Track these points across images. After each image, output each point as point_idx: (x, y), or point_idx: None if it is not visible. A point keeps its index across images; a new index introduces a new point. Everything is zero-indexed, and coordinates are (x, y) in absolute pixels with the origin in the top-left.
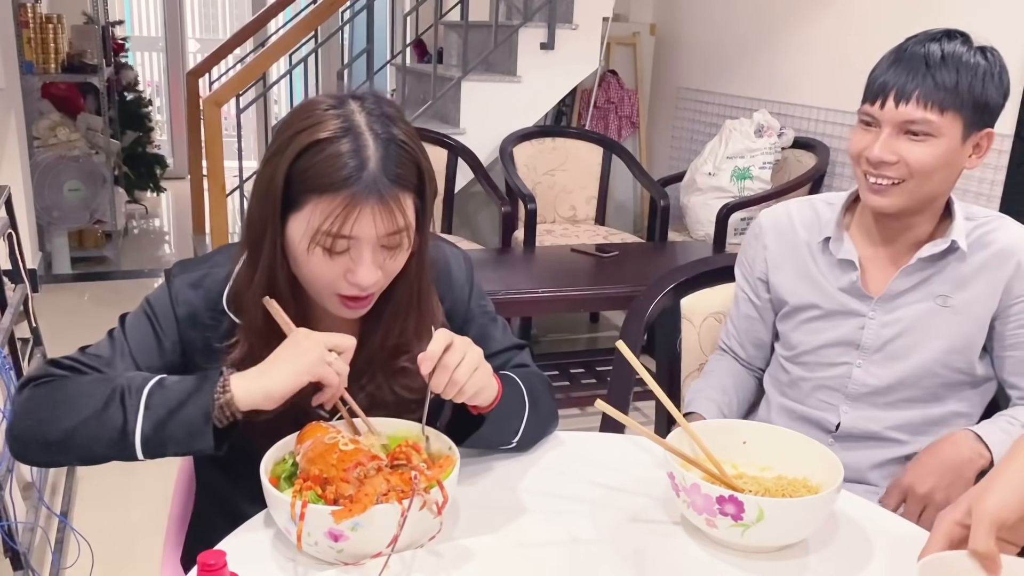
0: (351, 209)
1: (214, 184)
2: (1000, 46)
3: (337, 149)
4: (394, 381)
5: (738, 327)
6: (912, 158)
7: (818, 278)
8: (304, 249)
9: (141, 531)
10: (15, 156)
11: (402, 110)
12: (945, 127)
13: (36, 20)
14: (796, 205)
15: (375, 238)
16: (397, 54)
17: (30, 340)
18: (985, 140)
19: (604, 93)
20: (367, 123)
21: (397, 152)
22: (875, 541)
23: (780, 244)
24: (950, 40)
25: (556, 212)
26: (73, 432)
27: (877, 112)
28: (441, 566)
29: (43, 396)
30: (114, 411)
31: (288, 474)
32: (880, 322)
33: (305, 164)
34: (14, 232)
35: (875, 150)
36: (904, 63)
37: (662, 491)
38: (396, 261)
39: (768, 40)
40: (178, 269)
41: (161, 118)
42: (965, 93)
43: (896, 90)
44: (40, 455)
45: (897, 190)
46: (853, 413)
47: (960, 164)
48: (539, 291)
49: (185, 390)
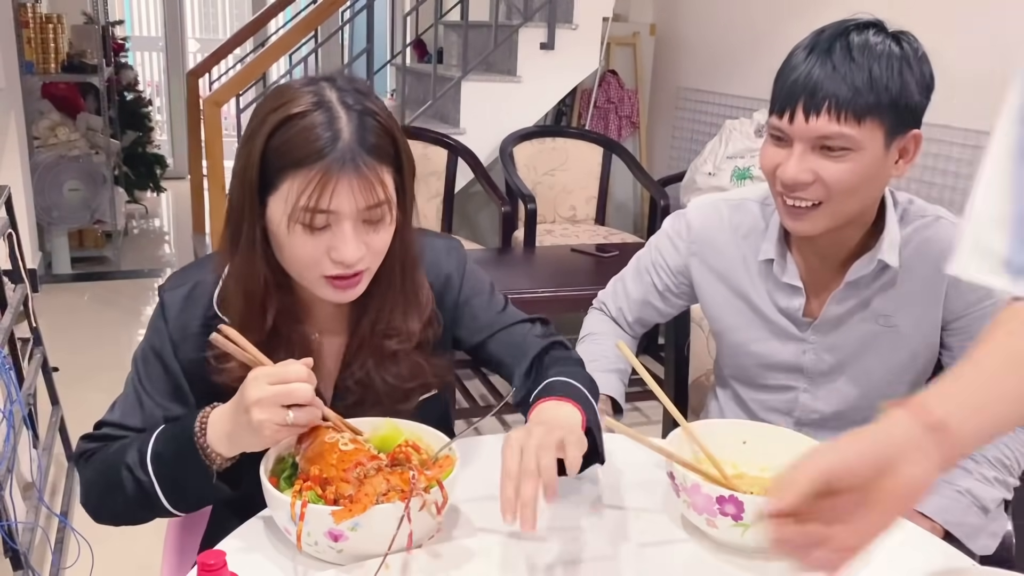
0: (327, 181)
1: (214, 184)
2: (1000, 46)
3: (310, 121)
4: (384, 368)
5: (630, 304)
6: (830, 177)
7: (754, 299)
8: (285, 229)
9: (141, 531)
10: (15, 156)
11: (373, 89)
12: (864, 138)
13: (36, 20)
14: (727, 207)
15: (355, 211)
16: (397, 54)
17: (30, 340)
18: (912, 143)
19: (604, 93)
20: (339, 98)
21: (372, 123)
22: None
23: (712, 255)
24: (860, 32)
25: (556, 212)
26: (127, 510)
27: (786, 127)
28: (441, 566)
29: (91, 479)
30: (138, 489)
31: (288, 474)
32: (821, 346)
33: (279, 140)
34: (14, 232)
35: (788, 171)
36: (810, 65)
37: (662, 491)
38: (381, 236)
39: (768, 40)
40: (169, 283)
41: (161, 118)
42: (883, 94)
43: (804, 100)
44: (121, 524)
45: (817, 213)
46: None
47: (885, 175)
48: (539, 291)
49: (176, 453)
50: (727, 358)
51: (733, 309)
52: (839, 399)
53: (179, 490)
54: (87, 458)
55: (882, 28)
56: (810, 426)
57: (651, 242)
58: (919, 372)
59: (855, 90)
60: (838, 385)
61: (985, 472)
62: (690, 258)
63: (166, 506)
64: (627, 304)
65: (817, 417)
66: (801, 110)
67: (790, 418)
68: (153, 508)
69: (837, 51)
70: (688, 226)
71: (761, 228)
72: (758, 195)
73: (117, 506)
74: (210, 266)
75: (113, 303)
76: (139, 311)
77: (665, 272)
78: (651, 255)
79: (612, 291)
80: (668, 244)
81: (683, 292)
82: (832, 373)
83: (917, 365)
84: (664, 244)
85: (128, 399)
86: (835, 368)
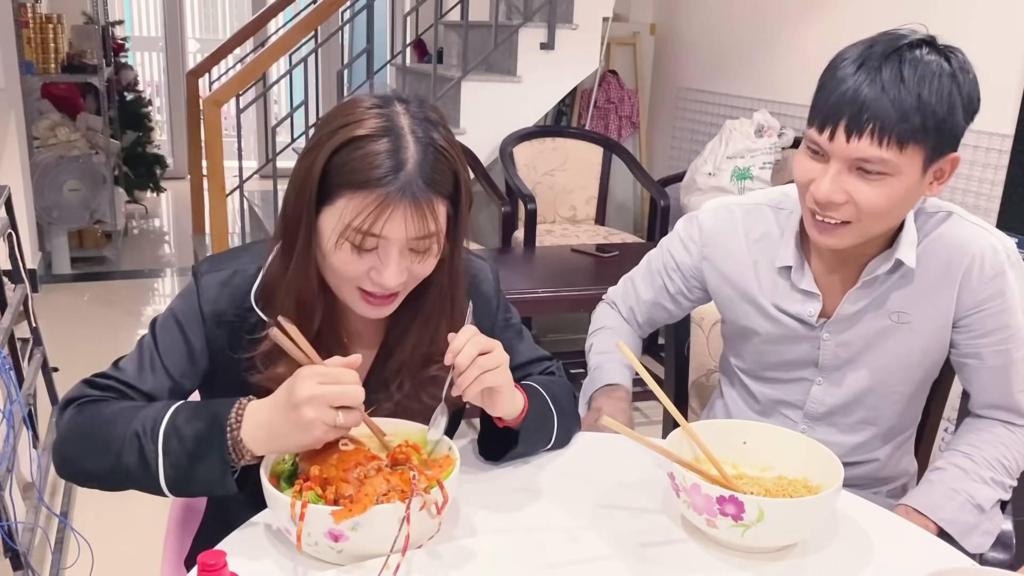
0: (383, 208)
1: (214, 184)
2: (999, 46)
3: (375, 147)
4: (423, 390)
5: (640, 304)
6: (864, 201)
7: (763, 303)
8: (333, 244)
9: (141, 531)
10: (15, 156)
11: (445, 117)
12: (903, 164)
13: (36, 20)
14: (740, 211)
15: (404, 240)
16: (397, 54)
17: (30, 340)
18: (948, 165)
19: (604, 93)
20: (409, 125)
21: (435, 156)
22: (875, 541)
23: (722, 258)
24: (912, 50)
25: (556, 212)
26: (107, 472)
27: (825, 144)
28: (441, 566)
29: (79, 428)
30: (137, 457)
31: (288, 474)
32: (835, 342)
33: (342, 159)
34: (14, 232)
35: (822, 189)
36: (859, 82)
37: (662, 491)
38: (424, 265)
39: (768, 40)
40: (207, 266)
41: (161, 118)
42: (929, 119)
43: (848, 120)
44: (81, 483)
45: (845, 230)
46: (811, 434)
47: (918, 196)
48: (539, 291)
49: (198, 435)
50: (739, 355)
51: (743, 312)
52: (848, 392)
53: (186, 474)
54: (81, 404)
55: (935, 46)
56: (816, 419)
57: (663, 243)
58: (929, 368)
59: (902, 114)
60: (849, 379)
61: (982, 472)
62: (702, 261)
63: (161, 484)
64: (637, 305)
65: (824, 410)
66: (843, 129)
67: (800, 411)
68: (141, 482)
69: (888, 70)
70: (700, 228)
71: (775, 234)
72: (772, 200)
73: (98, 466)
74: (251, 256)
75: (113, 303)
76: (139, 311)
77: (677, 275)
78: (663, 257)
79: (623, 290)
80: (680, 247)
81: (695, 295)
82: (844, 367)
83: (927, 361)
84: (676, 246)
85: (137, 361)
86: (847, 362)
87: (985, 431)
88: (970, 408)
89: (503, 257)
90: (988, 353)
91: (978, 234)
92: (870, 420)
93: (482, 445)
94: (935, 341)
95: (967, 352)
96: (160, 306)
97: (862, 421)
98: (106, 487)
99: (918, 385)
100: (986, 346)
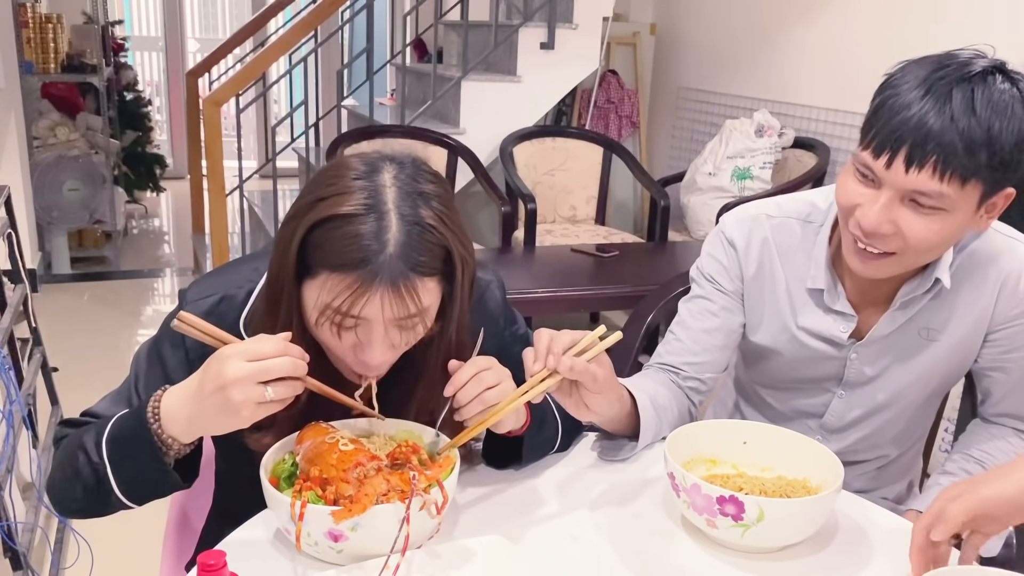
0: (361, 292)
1: (214, 184)
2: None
3: (356, 229)
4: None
5: (689, 344)
6: (913, 235)
7: (791, 326)
8: (314, 321)
9: (141, 531)
10: (15, 156)
11: (443, 180)
12: (961, 199)
13: (36, 20)
14: (769, 226)
15: (385, 321)
16: (397, 54)
17: (29, 340)
18: (1002, 199)
19: (604, 93)
20: (395, 200)
21: (420, 236)
22: (875, 541)
23: (757, 274)
24: (987, 79)
25: (556, 212)
26: (86, 501)
27: (880, 170)
28: (441, 566)
29: (54, 469)
30: (93, 477)
31: (288, 474)
32: (862, 361)
33: (322, 236)
34: (14, 232)
35: (870, 218)
36: (925, 109)
37: (662, 491)
38: (411, 339)
39: (768, 40)
40: (193, 292)
41: (161, 118)
42: (996, 156)
43: (909, 149)
44: (79, 517)
45: (887, 261)
46: (826, 445)
47: (967, 230)
48: (539, 291)
49: (130, 436)
50: (758, 370)
51: (769, 334)
52: (866, 405)
53: (131, 478)
54: (56, 444)
55: (1007, 73)
56: (832, 431)
57: (697, 277)
58: (951, 380)
59: (969, 148)
60: (871, 393)
61: None
62: (740, 270)
63: (118, 495)
64: (684, 347)
65: (843, 424)
66: (903, 158)
67: (817, 420)
68: (107, 497)
69: (958, 99)
70: (731, 240)
71: (805, 251)
72: (800, 213)
73: (76, 495)
74: (242, 276)
75: (113, 303)
76: (139, 311)
77: (727, 292)
78: (707, 278)
79: (666, 349)
80: (716, 258)
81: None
82: (869, 384)
83: (952, 375)
84: (711, 260)
85: (116, 394)
86: (872, 379)
87: (999, 439)
88: (981, 413)
89: (503, 257)
90: (1014, 367)
91: (1012, 247)
92: (885, 429)
93: (487, 455)
94: (962, 356)
95: (991, 365)
96: (160, 306)
97: (877, 430)
98: (95, 513)
99: (937, 394)
100: (1013, 360)
